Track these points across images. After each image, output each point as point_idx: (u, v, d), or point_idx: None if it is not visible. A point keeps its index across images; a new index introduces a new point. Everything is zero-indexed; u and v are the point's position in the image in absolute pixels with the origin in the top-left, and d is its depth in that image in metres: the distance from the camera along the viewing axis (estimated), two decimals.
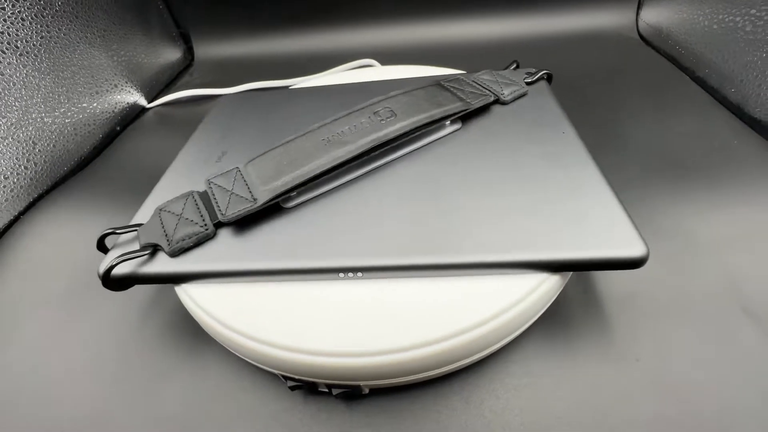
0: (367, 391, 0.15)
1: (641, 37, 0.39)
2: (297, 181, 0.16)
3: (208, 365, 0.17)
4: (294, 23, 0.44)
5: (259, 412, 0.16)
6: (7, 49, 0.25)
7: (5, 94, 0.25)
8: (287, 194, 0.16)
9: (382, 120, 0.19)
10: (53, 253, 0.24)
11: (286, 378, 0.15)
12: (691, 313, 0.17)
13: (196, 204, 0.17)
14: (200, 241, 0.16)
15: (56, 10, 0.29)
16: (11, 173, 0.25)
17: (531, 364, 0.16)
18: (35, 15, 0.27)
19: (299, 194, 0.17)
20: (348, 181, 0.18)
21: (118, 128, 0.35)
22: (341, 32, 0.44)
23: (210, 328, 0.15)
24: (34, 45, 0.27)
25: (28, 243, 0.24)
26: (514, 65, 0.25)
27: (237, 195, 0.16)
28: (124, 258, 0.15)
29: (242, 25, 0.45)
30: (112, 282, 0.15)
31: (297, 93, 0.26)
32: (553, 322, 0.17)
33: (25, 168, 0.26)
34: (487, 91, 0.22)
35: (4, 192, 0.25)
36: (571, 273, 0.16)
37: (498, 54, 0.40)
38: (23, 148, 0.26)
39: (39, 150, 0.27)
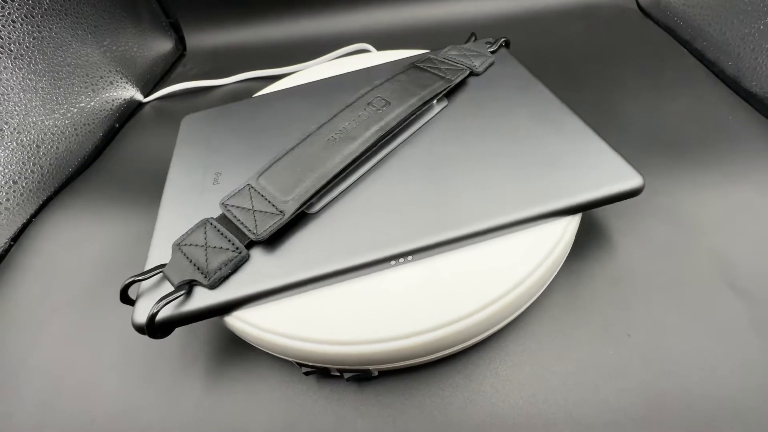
0: (376, 373, 0.16)
1: (640, 8, 0.38)
2: (319, 185, 0.16)
3: (227, 356, 0.18)
4: (286, 8, 0.43)
5: (276, 396, 0.17)
6: (1, 53, 0.25)
7: (5, 99, 0.25)
8: (311, 200, 0.16)
9: (378, 110, 0.19)
10: (68, 254, 0.25)
11: (300, 365, 0.16)
12: (680, 290, 0.18)
13: (218, 230, 0.16)
14: (237, 266, 0.15)
15: (45, 9, 0.29)
16: (20, 177, 0.26)
17: (528, 343, 0.17)
18: (25, 16, 0.27)
19: (320, 197, 0.17)
20: (361, 176, 0.18)
21: (117, 125, 0.35)
22: (336, 16, 0.43)
23: (228, 323, 0.16)
24: (27, 47, 0.27)
25: (42, 245, 0.25)
26: (473, 38, 0.26)
27: (261, 211, 0.16)
28: (167, 301, 0.14)
29: (233, 12, 0.44)
30: (157, 330, 0.14)
31: (264, 100, 0.25)
32: (548, 303, 0.18)
33: (32, 172, 0.27)
34: (460, 65, 0.22)
35: (15, 196, 0.26)
36: (562, 263, 0.17)
37: (493, 30, 0.39)
38: (28, 152, 0.27)
39: (43, 153, 0.28)
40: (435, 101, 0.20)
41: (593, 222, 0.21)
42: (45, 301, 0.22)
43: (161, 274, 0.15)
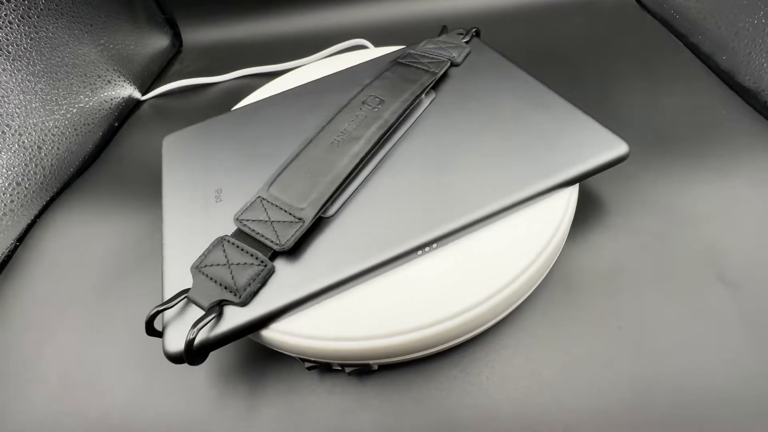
0: (376, 367, 0.17)
1: (638, 1, 0.38)
2: (333, 188, 0.16)
3: (233, 351, 0.19)
4: (283, 3, 0.43)
5: (280, 389, 0.18)
6: None
7: (5, 101, 0.26)
8: (327, 203, 0.16)
9: (374, 108, 0.20)
10: (74, 253, 0.25)
11: (303, 360, 0.17)
12: (670, 283, 0.18)
13: (237, 246, 0.16)
14: (265, 279, 0.15)
15: (41, 10, 0.29)
16: (23, 179, 0.26)
17: (522, 337, 0.18)
18: (21, 17, 0.27)
19: (334, 200, 0.17)
20: (368, 174, 0.18)
21: (116, 124, 0.36)
22: (333, 11, 0.43)
23: None
24: (24, 48, 0.27)
25: (48, 245, 0.26)
26: (445, 30, 0.26)
27: (279, 221, 0.16)
28: (202, 325, 0.14)
29: (229, 7, 0.44)
30: (195, 356, 0.14)
31: (247, 111, 0.24)
32: (541, 298, 0.19)
33: (35, 173, 0.27)
34: (441, 58, 0.23)
35: (19, 198, 0.26)
36: (556, 258, 0.17)
37: (491, 24, 0.39)
38: (30, 153, 0.27)
39: (45, 154, 0.28)
40: (424, 95, 0.21)
41: (587, 217, 0.21)
42: (53, 300, 0.23)
43: (186, 299, 0.15)
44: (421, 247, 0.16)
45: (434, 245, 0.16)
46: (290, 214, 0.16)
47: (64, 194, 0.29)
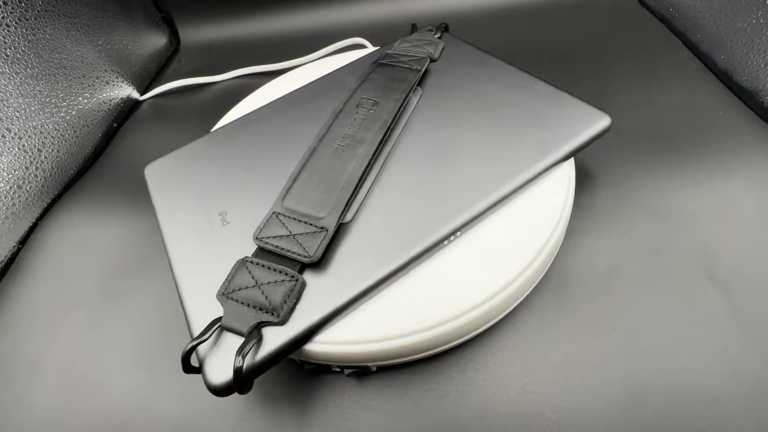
0: (375, 369, 0.17)
1: None
2: (349, 192, 0.16)
3: None
4: (280, 2, 0.43)
5: (280, 391, 0.18)
6: None
7: (5, 105, 0.26)
8: (346, 209, 0.16)
9: (370, 110, 0.20)
10: (75, 255, 0.25)
11: (302, 362, 0.17)
12: (663, 285, 0.19)
13: (263, 265, 0.15)
14: (299, 294, 0.15)
15: (38, 11, 0.29)
16: (24, 182, 0.26)
17: (518, 339, 0.18)
18: (19, 19, 0.27)
19: (350, 205, 0.17)
20: (376, 175, 0.19)
21: (115, 125, 0.36)
22: (331, 9, 0.43)
23: None
24: (23, 51, 0.27)
25: (49, 247, 0.26)
26: (415, 28, 0.27)
27: (301, 234, 0.16)
28: (247, 350, 0.13)
29: (225, 6, 0.44)
30: (244, 383, 0.13)
31: (231, 129, 0.23)
32: (537, 300, 0.19)
33: (35, 176, 0.27)
34: (420, 55, 0.23)
35: (20, 200, 0.26)
36: (552, 260, 0.17)
37: (491, 22, 0.39)
38: (30, 156, 0.27)
39: (45, 156, 0.28)
40: (412, 92, 0.21)
41: (582, 219, 0.21)
42: (56, 301, 0.23)
43: (219, 329, 0.14)
44: (447, 236, 0.16)
45: (458, 233, 0.17)
46: (311, 224, 0.16)
47: (65, 196, 0.29)
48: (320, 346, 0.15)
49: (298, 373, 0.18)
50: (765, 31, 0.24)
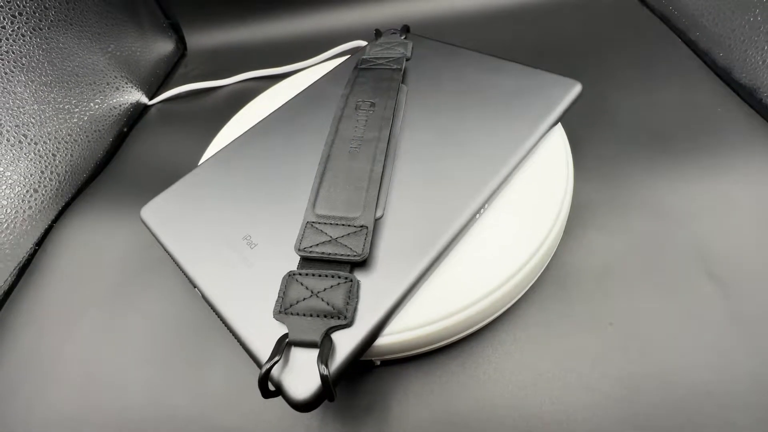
0: (378, 363, 0.18)
1: None
2: (377, 189, 0.17)
3: (242, 350, 0.20)
4: (285, 6, 0.44)
5: None
6: (14, 67, 0.27)
7: (21, 112, 0.27)
8: (377, 205, 0.17)
9: (369, 110, 0.21)
10: (90, 256, 0.26)
11: None
12: (660, 281, 0.19)
13: (313, 275, 0.15)
14: (357, 293, 0.15)
15: (51, 21, 0.30)
16: (39, 186, 0.27)
17: (518, 333, 0.18)
18: (33, 29, 0.28)
19: (379, 201, 0.17)
20: (391, 170, 0.19)
21: (125, 129, 0.37)
22: (335, 12, 0.43)
23: None
24: (37, 60, 0.28)
25: (65, 248, 0.27)
26: (379, 33, 0.28)
27: (343, 236, 0.16)
28: (325, 357, 0.13)
29: (231, 10, 0.45)
30: (331, 393, 0.13)
31: (222, 158, 0.22)
32: (536, 295, 0.19)
33: (50, 180, 0.28)
34: (395, 55, 0.24)
35: (36, 204, 0.27)
36: (552, 255, 0.18)
37: (492, 21, 0.39)
38: (45, 161, 0.28)
39: (59, 161, 0.29)
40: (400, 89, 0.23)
41: (580, 216, 0.22)
42: (72, 301, 0.24)
43: (289, 345, 0.14)
44: (476, 212, 0.17)
45: (485, 206, 0.18)
46: (349, 225, 0.16)
47: (79, 199, 0.30)
48: None
49: None
50: (763, 28, 0.24)
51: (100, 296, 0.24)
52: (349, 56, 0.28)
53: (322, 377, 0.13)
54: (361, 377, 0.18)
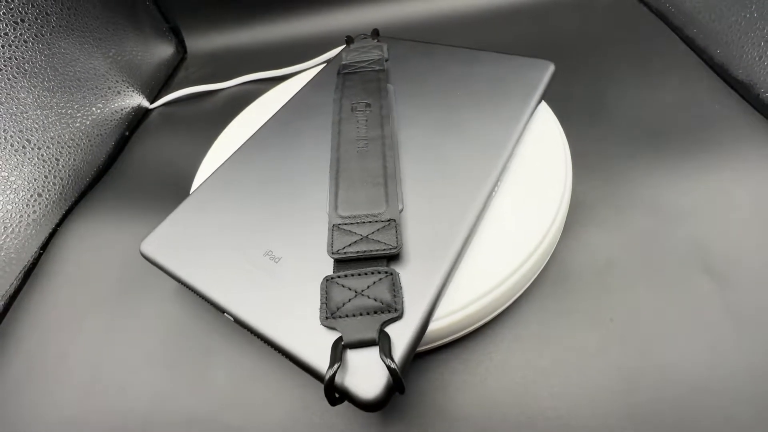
0: None
1: None
2: (395, 182, 0.18)
3: (244, 349, 0.20)
4: (284, 8, 0.44)
5: (290, 385, 0.19)
6: (17, 73, 0.27)
7: (24, 117, 0.27)
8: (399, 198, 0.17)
9: (367, 110, 0.21)
10: (93, 259, 0.26)
11: None
12: (659, 277, 0.19)
13: (352, 275, 0.15)
14: (401, 285, 0.15)
15: (53, 27, 0.30)
16: (43, 190, 0.28)
17: (519, 331, 0.19)
18: (35, 35, 0.28)
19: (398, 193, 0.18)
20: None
21: (127, 133, 0.37)
22: (335, 13, 0.43)
23: None
24: (40, 65, 0.28)
25: (69, 252, 0.27)
26: (350, 39, 0.29)
27: (373, 232, 0.16)
28: (388, 350, 0.13)
29: (230, 14, 0.45)
30: (402, 386, 0.13)
31: (216, 181, 0.21)
32: (537, 293, 0.20)
33: (54, 184, 0.29)
34: (374, 58, 0.25)
35: (40, 208, 0.28)
36: (551, 252, 0.18)
37: (492, 20, 0.39)
38: (49, 165, 0.28)
39: (62, 165, 0.29)
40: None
41: (580, 213, 0.22)
42: (76, 303, 0.24)
43: (344, 349, 0.14)
44: (492, 189, 0.18)
45: (499, 184, 0.19)
46: (376, 221, 0.16)
47: (82, 203, 0.31)
48: None
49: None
50: (759, 25, 0.24)
51: (104, 299, 0.24)
52: (325, 65, 0.28)
53: (391, 370, 0.12)
54: None
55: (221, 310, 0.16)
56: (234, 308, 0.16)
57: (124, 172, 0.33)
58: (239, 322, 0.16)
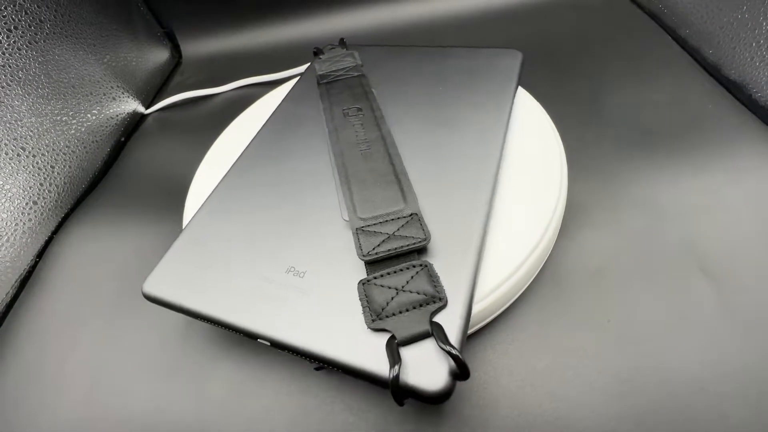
0: None
1: None
2: (407, 178, 0.18)
3: (244, 356, 0.20)
4: (278, 13, 0.44)
5: (292, 389, 0.19)
6: (11, 80, 0.27)
7: (19, 125, 0.27)
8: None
9: (359, 114, 0.21)
10: (90, 266, 0.26)
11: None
12: (655, 277, 0.19)
13: (387, 273, 0.15)
14: (437, 275, 0.15)
15: (47, 34, 0.30)
16: (39, 198, 0.28)
17: (516, 333, 0.19)
18: (29, 42, 0.28)
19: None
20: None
21: (123, 139, 0.37)
22: (327, 19, 0.44)
23: None
24: (34, 73, 0.28)
25: (66, 259, 0.27)
26: (319, 50, 0.29)
27: (397, 229, 0.16)
28: (444, 340, 0.13)
29: (225, 18, 0.45)
30: (467, 370, 0.13)
31: (214, 206, 0.20)
32: (533, 295, 0.20)
33: (49, 191, 0.29)
34: (350, 65, 0.26)
35: (36, 216, 0.27)
36: (548, 255, 0.18)
37: (483, 24, 0.40)
38: (44, 173, 0.28)
39: (57, 172, 0.29)
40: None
41: (575, 215, 0.22)
42: (73, 311, 0.24)
43: (399, 346, 0.13)
44: (497, 172, 0.19)
45: (500, 166, 0.19)
46: (398, 218, 0.16)
47: (78, 210, 0.30)
48: None
49: (306, 372, 0.19)
50: (750, 25, 0.25)
51: (101, 306, 0.24)
52: (298, 78, 0.28)
53: (453, 356, 0.13)
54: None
55: (253, 337, 0.15)
56: (271, 332, 0.15)
57: (121, 178, 0.33)
58: (277, 345, 0.15)
